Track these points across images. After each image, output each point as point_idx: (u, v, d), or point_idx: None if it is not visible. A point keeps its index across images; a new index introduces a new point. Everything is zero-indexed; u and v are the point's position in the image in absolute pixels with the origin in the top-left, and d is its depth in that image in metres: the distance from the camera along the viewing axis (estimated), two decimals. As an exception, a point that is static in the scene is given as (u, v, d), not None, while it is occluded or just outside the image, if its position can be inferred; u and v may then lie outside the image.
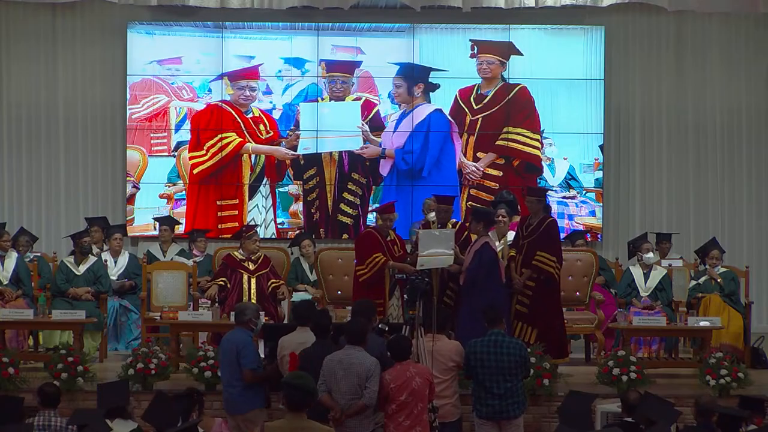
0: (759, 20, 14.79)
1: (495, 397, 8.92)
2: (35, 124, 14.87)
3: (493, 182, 14.69)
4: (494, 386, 8.92)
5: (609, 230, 14.86)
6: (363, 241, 11.18)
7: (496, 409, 8.94)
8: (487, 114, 14.72)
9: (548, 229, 10.77)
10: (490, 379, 8.93)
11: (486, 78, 14.73)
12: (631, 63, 14.91)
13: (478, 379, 9.01)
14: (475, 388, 9.08)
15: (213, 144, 14.69)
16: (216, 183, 14.71)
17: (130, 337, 12.61)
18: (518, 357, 8.99)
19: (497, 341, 8.99)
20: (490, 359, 8.94)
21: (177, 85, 14.71)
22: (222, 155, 14.68)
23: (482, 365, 8.95)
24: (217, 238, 14.37)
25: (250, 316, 9.26)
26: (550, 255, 10.64)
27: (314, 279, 12.56)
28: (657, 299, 12.32)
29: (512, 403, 8.96)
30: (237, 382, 9.06)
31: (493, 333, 9.06)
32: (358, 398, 8.36)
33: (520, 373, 9.06)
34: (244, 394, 9.06)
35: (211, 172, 14.70)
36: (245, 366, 9.02)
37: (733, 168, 14.97)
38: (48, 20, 14.80)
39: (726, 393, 10.21)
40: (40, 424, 8.08)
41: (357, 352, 8.44)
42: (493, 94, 14.73)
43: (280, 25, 14.79)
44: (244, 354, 9.04)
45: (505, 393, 8.92)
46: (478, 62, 14.75)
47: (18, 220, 14.36)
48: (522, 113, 14.73)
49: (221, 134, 14.67)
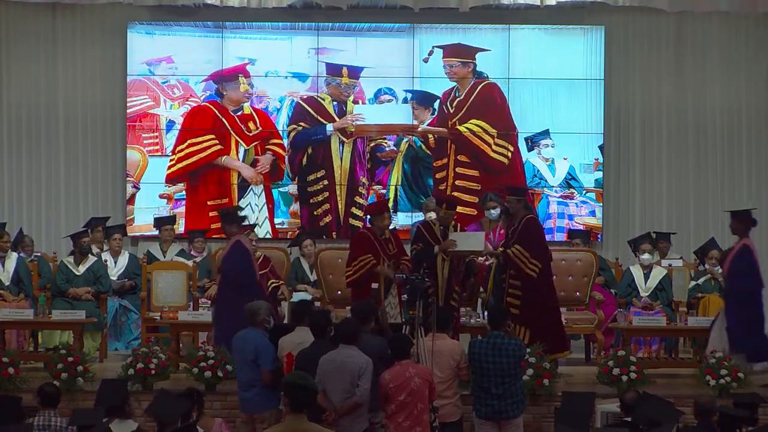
0: (759, 20, 14.78)
1: (494, 397, 8.96)
2: (35, 124, 14.87)
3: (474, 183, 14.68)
4: (492, 386, 8.95)
5: (609, 230, 14.86)
6: (355, 242, 11.20)
7: (495, 409, 8.98)
8: (461, 115, 14.72)
9: (526, 226, 10.73)
10: (488, 380, 8.97)
11: (456, 80, 14.71)
12: (631, 63, 14.90)
13: (476, 379, 9.06)
14: (474, 388, 9.13)
15: (182, 149, 14.68)
16: (202, 183, 14.65)
17: (130, 337, 12.62)
18: (518, 358, 9.06)
19: (496, 343, 9.03)
20: (488, 360, 8.98)
21: (171, 84, 14.67)
22: (192, 160, 14.63)
23: (481, 365, 9.01)
24: (217, 238, 14.34)
25: (263, 315, 9.29)
26: (524, 250, 10.62)
27: (314, 279, 12.56)
28: (657, 299, 12.32)
29: (511, 403, 9.00)
30: (256, 382, 9.09)
31: (493, 335, 9.09)
32: (352, 397, 8.39)
33: (519, 373, 9.10)
34: (262, 393, 9.09)
35: (183, 174, 14.67)
36: (264, 367, 9.04)
37: (733, 168, 14.96)
38: (48, 20, 14.80)
39: (726, 393, 10.20)
40: (40, 424, 8.08)
41: (350, 350, 8.46)
42: (464, 95, 14.74)
43: (279, 25, 14.78)
44: (263, 355, 9.06)
45: (503, 393, 8.96)
46: (443, 67, 14.72)
47: (18, 220, 14.35)
48: (483, 106, 14.71)
49: (191, 139, 14.64)
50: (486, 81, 14.70)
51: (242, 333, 9.33)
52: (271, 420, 9.03)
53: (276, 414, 9.08)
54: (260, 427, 9.09)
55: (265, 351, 9.09)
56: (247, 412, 9.22)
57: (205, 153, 14.68)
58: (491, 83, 14.71)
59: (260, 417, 9.12)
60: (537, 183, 14.71)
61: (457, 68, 14.73)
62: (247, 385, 9.17)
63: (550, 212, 14.63)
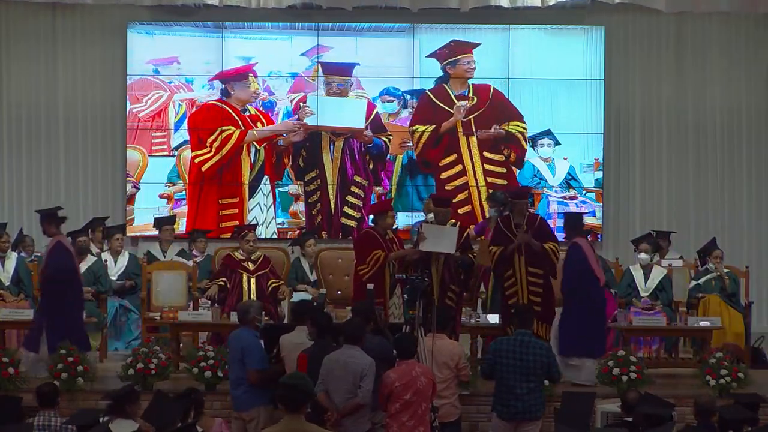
0: (759, 20, 14.78)
1: (517, 397, 8.86)
2: (35, 124, 14.87)
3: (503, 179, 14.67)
4: (516, 386, 8.86)
5: (609, 230, 14.86)
6: (362, 241, 11.18)
7: (519, 410, 8.88)
8: (477, 114, 14.71)
9: (545, 224, 11.00)
10: (513, 378, 8.87)
11: (465, 78, 14.70)
12: (631, 63, 14.90)
13: (501, 378, 8.95)
14: (498, 388, 9.01)
15: (215, 139, 14.69)
16: (218, 182, 14.69)
17: (130, 337, 12.61)
18: (544, 359, 8.94)
19: (523, 341, 8.95)
20: (515, 358, 8.89)
21: (175, 84, 14.71)
22: (227, 148, 14.66)
23: (506, 364, 8.90)
24: (217, 239, 14.35)
25: (253, 314, 9.36)
26: (557, 248, 10.77)
27: (315, 279, 12.56)
28: (657, 299, 12.31)
29: (534, 404, 8.90)
30: (243, 381, 9.17)
31: (520, 333, 9.03)
32: (354, 397, 8.39)
33: (542, 375, 8.99)
34: (250, 391, 9.16)
35: (219, 167, 14.68)
36: (249, 366, 9.07)
37: (733, 168, 14.96)
38: (48, 20, 14.80)
39: (726, 393, 10.20)
40: (40, 424, 8.08)
41: (354, 351, 8.47)
42: (471, 93, 14.72)
43: (280, 25, 14.79)
44: (249, 354, 9.10)
45: (527, 393, 8.86)
46: (464, 62, 14.71)
47: (18, 221, 14.35)
48: (505, 112, 14.73)
49: (221, 128, 14.67)
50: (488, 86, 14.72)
51: (235, 332, 9.43)
52: (260, 419, 9.08)
53: (267, 413, 9.09)
54: (249, 426, 9.12)
55: (252, 350, 9.14)
56: (236, 410, 9.29)
57: (234, 137, 14.66)
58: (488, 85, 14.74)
59: (248, 415, 9.17)
60: (537, 183, 14.71)
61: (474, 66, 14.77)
62: (236, 383, 9.27)
63: (550, 212, 14.62)
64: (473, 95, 14.72)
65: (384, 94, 14.76)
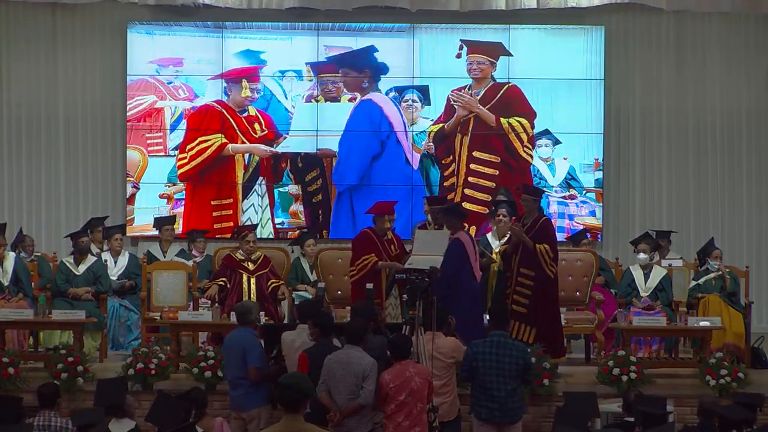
0: (759, 20, 14.79)
1: (495, 400, 8.81)
2: (35, 124, 14.88)
3: (489, 181, 14.68)
4: (494, 388, 8.80)
5: (609, 230, 14.86)
6: (357, 242, 11.21)
7: (496, 414, 8.82)
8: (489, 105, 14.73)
9: (545, 226, 10.79)
10: (490, 381, 8.81)
11: (476, 78, 14.72)
12: (631, 63, 14.90)
13: (478, 381, 8.91)
14: (475, 390, 8.97)
15: (192, 147, 14.68)
16: (208, 183, 14.66)
17: (130, 337, 12.61)
18: (520, 360, 8.88)
19: (499, 342, 8.90)
20: (491, 360, 8.83)
21: (174, 85, 14.71)
22: (203, 157, 14.65)
23: (483, 366, 8.83)
24: (217, 239, 14.36)
25: (255, 314, 9.37)
26: (551, 251, 10.65)
27: (314, 279, 12.56)
28: (657, 299, 12.32)
29: (512, 408, 8.86)
30: (242, 380, 9.15)
31: (495, 334, 8.98)
32: (356, 398, 8.39)
33: (520, 376, 8.93)
34: (249, 392, 9.15)
35: (195, 172, 14.67)
36: (251, 364, 9.08)
37: (733, 168, 14.97)
38: (48, 20, 14.80)
39: (726, 393, 10.21)
40: (40, 424, 8.08)
41: (356, 351, 8.47)
42: (483, 94, 14.73)
43: (280, 25, 14.79)
44: (251, 352, 9.11)
45: (505, 396, 8.81)
46: (468, 63, 14.74)
47: (18, 220, 14.36)
48: (514, 108, 14.72)
49: (201, 137, 14.64)
50: (509, 83, 14.71)
51: (232, 333, 9.42)
52: (260, 419, 9.08)
53: (267, 413, 9.10)
54: (250, 427, 9.12)
55: (253, 348, 9.15)
56: (235, 410, 9.27)
57: (213, 147, 14.67)
58: (514, 85, 14.72)
59: (248, 416, 9.17)
60: (537, 183, 14.70)
61: (484, 66, 14.72)
62: (235, 384, 9.25)
63: (550, 212, 14.59)
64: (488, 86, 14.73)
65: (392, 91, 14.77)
